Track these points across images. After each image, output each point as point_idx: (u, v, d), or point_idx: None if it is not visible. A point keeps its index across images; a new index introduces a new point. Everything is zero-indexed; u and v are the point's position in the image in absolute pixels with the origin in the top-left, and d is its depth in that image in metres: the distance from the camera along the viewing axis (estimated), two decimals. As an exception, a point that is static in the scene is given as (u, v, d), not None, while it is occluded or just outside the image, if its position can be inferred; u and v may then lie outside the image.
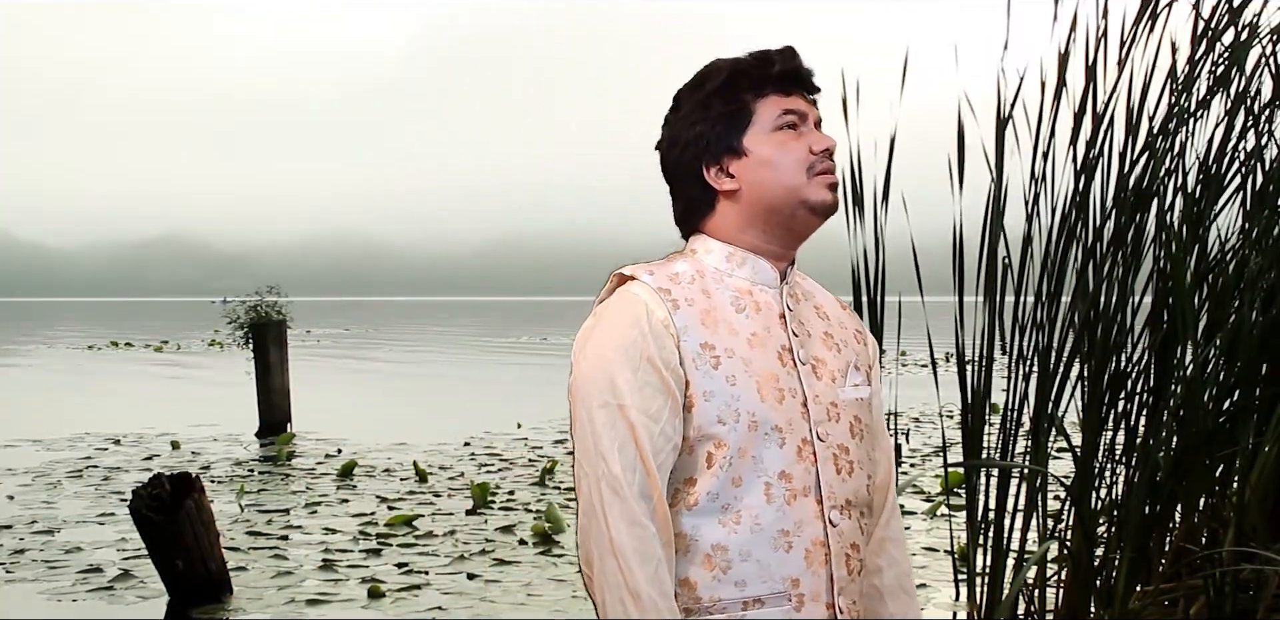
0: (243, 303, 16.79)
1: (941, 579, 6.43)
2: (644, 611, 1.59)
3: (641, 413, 1.64)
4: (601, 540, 1.62)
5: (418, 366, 27.60)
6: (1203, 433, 3.70)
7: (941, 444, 6.30)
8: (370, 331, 52.12)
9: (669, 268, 1.75)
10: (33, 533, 8.02)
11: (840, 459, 1.73)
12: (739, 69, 1.75)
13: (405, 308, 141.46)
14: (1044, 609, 4.12)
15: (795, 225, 1.75)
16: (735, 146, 1.73)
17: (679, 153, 1.76)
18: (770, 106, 1.74)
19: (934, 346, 4.29)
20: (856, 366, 1.81)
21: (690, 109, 1.76)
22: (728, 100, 1.74)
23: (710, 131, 1.74)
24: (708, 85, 1.75)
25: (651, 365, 1.65)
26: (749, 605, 1.66)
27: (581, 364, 1.69)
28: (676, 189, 1.79)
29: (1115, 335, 3.94)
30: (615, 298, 1.72)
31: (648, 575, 1.60)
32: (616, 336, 1.67)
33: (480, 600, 6.19)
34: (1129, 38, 3.95)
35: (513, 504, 8.95)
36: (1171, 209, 3.95)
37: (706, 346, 1.68)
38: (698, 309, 1.70)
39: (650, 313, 1.67)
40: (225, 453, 12.11)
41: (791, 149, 1.73)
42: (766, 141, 1.73)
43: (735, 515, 1.66)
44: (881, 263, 4.04)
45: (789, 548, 1.67)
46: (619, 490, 1.62)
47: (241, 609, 6.08)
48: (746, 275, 1.75)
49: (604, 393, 1.65)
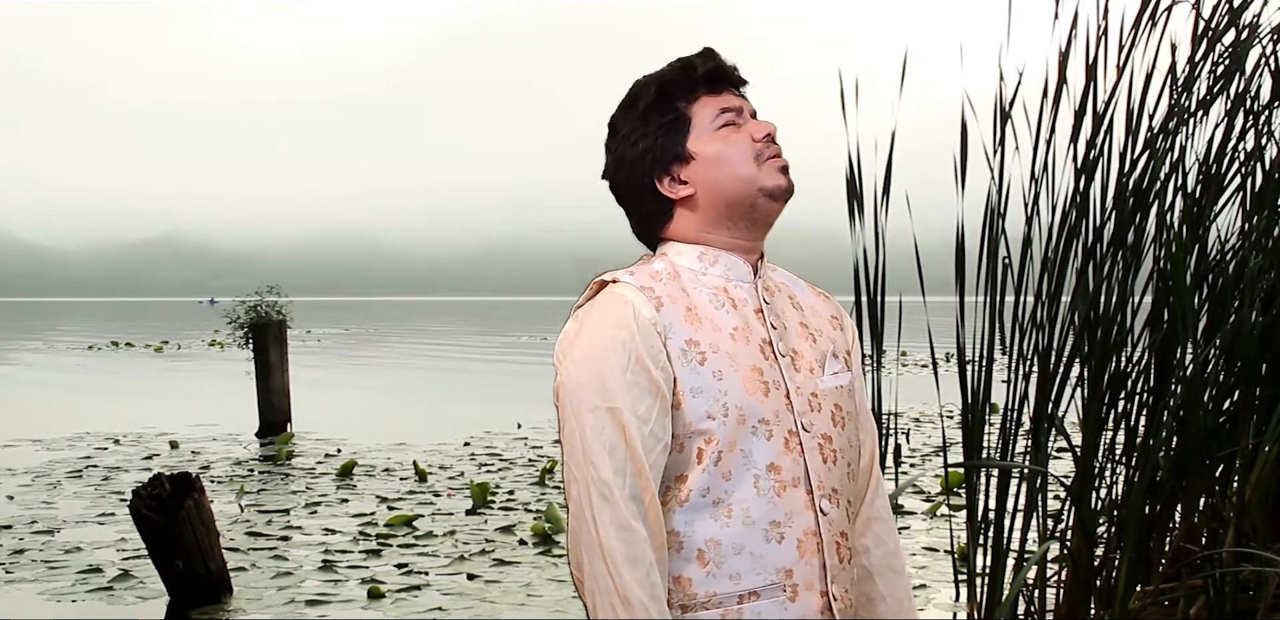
0: (243, 303, 16.80)
1: (941, 579, 6.42)
2: (634, 615, 1.60)
3: (632, 414, 1.64)
4: (591, 545, 1.63)
5: (417, 366, 27.60)
6: (1203, 433, 3.70)
7: (941, 444, 6.30)
8: (370, 331, 52.13)
9: (647, 267, 1.77)
10: (32, 533, 8.02)
11: (825, 448, 1.75)
12: (666, 80, 1.78)
13: (405, 308, 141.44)
14: (1044, 609, 4.11)
15: (757, 215, 1.77)
16: (681, 153, 1.76)
17: (628, 173, 1.79)
18: (705, 108, 1.78)
19: (934, 346, 4.29)
20: (835, 354, 1.83)
21: (630, 128, 1.78)
22: (663, 111, 1.77)
23: (654, 145, 1.77)
24: (640, 103, 1.78)
25: (640, 365, 1.66)
26: (744, 598, 1.68)
27: (569, 366, 1.70)
28: (632, 208, 1.82)
29: (1115, 335, 3.94)
30: (601, 298, 1.74)
31: (638, 579, 1.60)
32: (605, 337, 1.68)
33: (480, 601, 6.19)
34: (1129, 38, 3.95)
35: (513, 504, 8.95)
36: (1171, 209, 3.95)
37: (691, 343, 1.69)
38: (680, 306, 1.72)
39: (637, 312, 1.69)
40: (225, 453, 12.11)
41: (735, 142, 1.76)
42: (710, 141, 1.76)
43: (726, 509, 1.67)
44: (882, 263, 4.04)
45: (781, 539, 1.69)
46: (608, 495, 1.62)
47: (241, 609, 6.07)
48: (720, 272, 1.78)
49: (593, 395, 1.66)
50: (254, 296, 16.63)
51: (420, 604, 6.14)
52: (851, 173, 3.98)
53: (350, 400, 18.58)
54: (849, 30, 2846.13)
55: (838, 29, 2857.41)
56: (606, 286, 1.75)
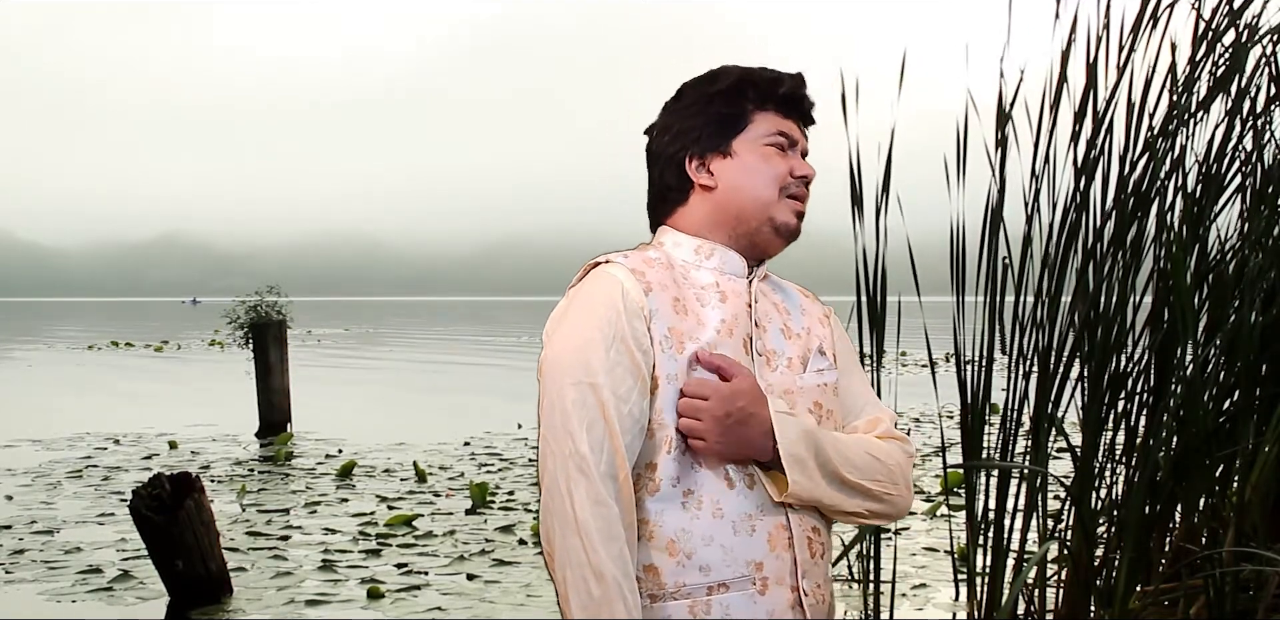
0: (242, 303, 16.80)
1: (941, 579, 6.43)
2: (606, 590, 1.59)
3: (612, 392, 1.65)
4: (565, 518, 1.62)
5: (417, 366, 27.60)
6: (1203, 433, 3.70)
7: (941, 444, 6.30)
8: (370, 331, 52.12)
9: (642, 254, 1.78)
10: (32, 533, 8.02)
11: None
12: (749, 78, 1.80)
13: (405, 308, 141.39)
14: (1044, 609, 4.11)
15: (758, 240, 1.79)
16: (724, 146, 1.78)
17: (669, 139, 1.80)
18: (767, 121, 1.79)
19: (933, 346, 4.29)
20: (821, 351, 1.83)
21: (692, 101, 1.80)
22: (730, 103, 1.79)
23: (705, 126, 1.78)
24: (716, 84, 1.80)
25: (624, 345, 1.67)
26: (713, 590, 1.67)
27: (555, 343, 1.70)
28: (655, 174, 1.83)
29: (1115, 335, 3.94)
30: (591, 278, 1.74)
31: (611, 554, 1.60)
32: (593, 316, 1.69)
33: (480, 600, 6.19)
34: (1129, 38, 3.95)
35: (512, 504, 8.96)
36: (1171, 209, 3.94)
37: (674, 331, 1.70)
38: (669, 295, 1.73)
39: (626, 293, 1.70)
40: (225, 453, 12.11)
41: (774, 164, 1.78)
42: (754, 150, 1.78)
43: (698, 501, 1.68)
44: (882, 263, 4.04)
45: (752, 531, 1.69)
46: (585, 469, 1.62)
47: (241, 609, 6.07)
48: (715, 266, 1.79)
49: (577, 371, 1.66)
50: (254, 296, 16.63)
51: (420, 604, 6.14)
52: (852, 173, 3.98)
53: (350, 400, 18.58)
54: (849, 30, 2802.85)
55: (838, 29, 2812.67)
56: (598, 266, 1.76)
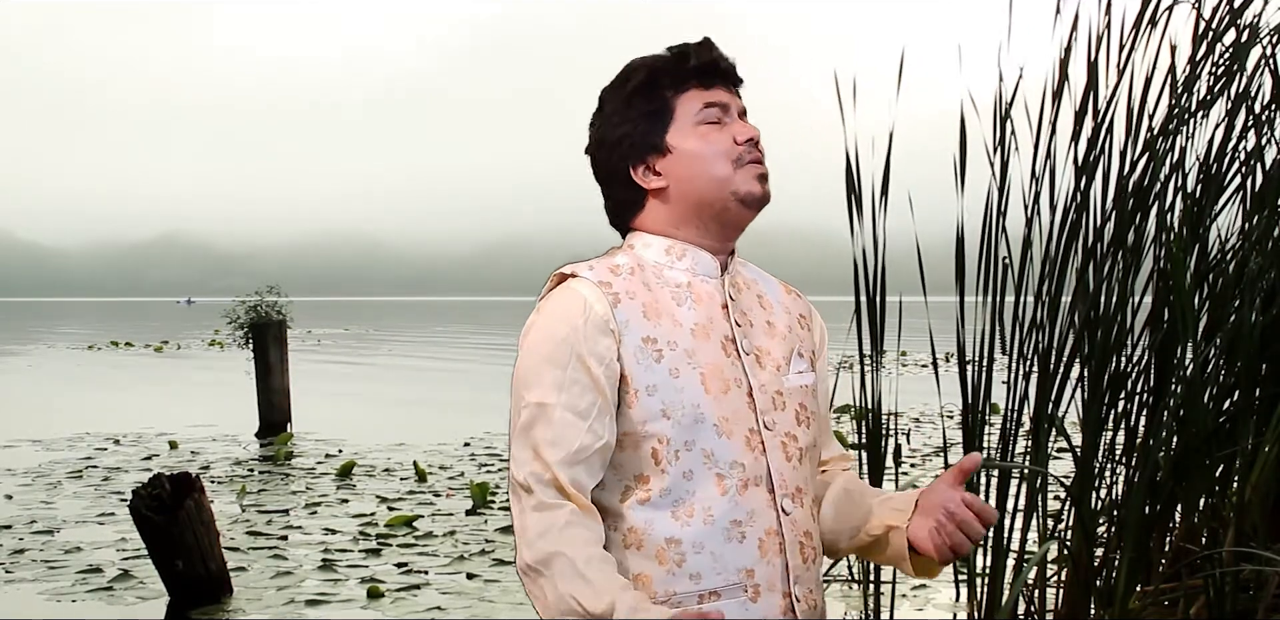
0: (242, 303, 16.80)
1: (941, 579, 6.42)
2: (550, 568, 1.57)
3: (567, 410, 1.63)
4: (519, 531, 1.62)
5: (417, 366, 27.59)
6: (1203, 433, 3.70)
7: (941, 444, 6.30)
8: (370, 331, 52.12)
9: (609, 261, 1.74)
10: (32, 533, 8.02)
11: (789, 447, 1.72)
12: (657, 66, 1.74)
13: (405, 308, 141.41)
14: (1044, 609, 4.11)
15: (728, 218, 1.74)
16: (658, 144, 1.73)
17: (606, 154, 1.76)
18: (691, 101, 1.73)
19: (934, 346, 4.29)
20: (800, 353, 1.79)
21: (614, 109, 1.75)
22: (649, 98, 1.73)
23: (634, 131, 1.73)
24: (629, 84, 1.75)
25: (581, 363, 1.64)
26: (705, 598, 1.65)
27: (519, 361, 1.71)
28: (606, 190, 1.79)
29: (1115, 335, 3.94)
30: (556, 293, 1.71)
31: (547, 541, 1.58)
32: (551, 333, 1.67)
33: (480, 600, 6.19)
34: (1130, 38, 3.95)
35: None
36: (1171, 209, 3.95)
37: (649, 340, 1.67)
38: (639, 302, 1.69)
39: (589, 308, 1.67)
40: (225, 453, 12.11)
41: (715, 141, 1.72)
42: (689, 136, 1.72)
43: (688, 508, 1.65)
44: (881, 263, 4.04)
45: (742, 538, 1.67)
46: (530, 487, 1.62)
47: (241, 609, 6.07)
48: (686, 267, 1.74)
49: (530, 392, 1.66)
50: (254, 296, 16.63)
51: (420, 603, 6.14)
52: (850, 172, 3.98)
53: (350, 400, 18.58)
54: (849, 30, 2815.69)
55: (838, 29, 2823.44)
56: (566, 280, 1.73)
